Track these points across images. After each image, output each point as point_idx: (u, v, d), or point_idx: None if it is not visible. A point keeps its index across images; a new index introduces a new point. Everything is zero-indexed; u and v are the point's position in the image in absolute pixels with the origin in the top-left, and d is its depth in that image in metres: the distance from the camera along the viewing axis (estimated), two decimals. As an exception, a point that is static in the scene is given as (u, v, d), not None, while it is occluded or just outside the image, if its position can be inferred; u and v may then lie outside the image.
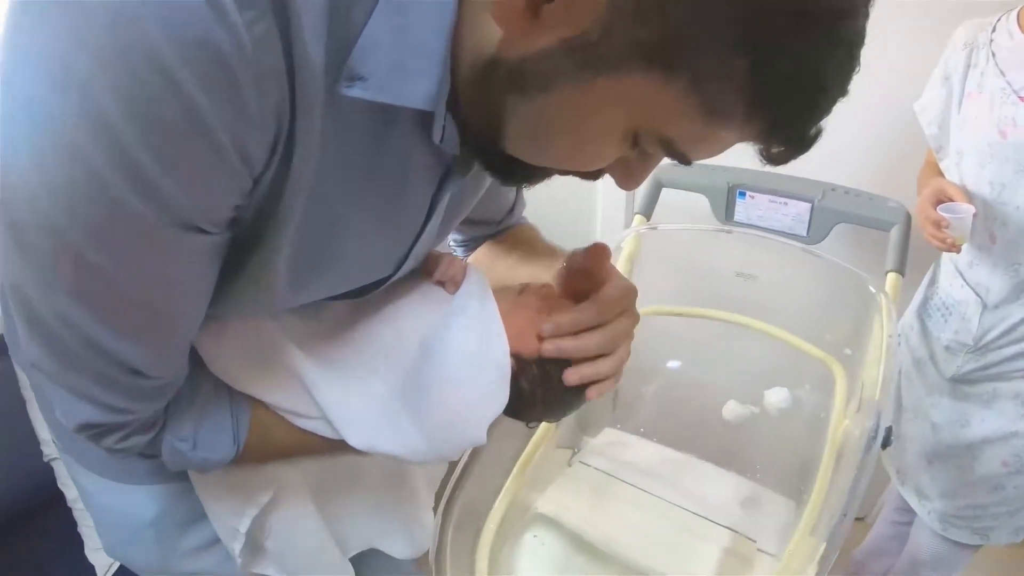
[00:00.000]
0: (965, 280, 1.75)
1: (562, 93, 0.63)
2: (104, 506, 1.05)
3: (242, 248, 0.71)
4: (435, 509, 1.30)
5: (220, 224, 0.65)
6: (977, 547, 1.95)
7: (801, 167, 0.80)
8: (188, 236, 0.63)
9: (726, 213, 2.05)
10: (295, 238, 0.70)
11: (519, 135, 0.69)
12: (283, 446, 0.92)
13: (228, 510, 0.98)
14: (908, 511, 2.06)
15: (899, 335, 1.98)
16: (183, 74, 0.52)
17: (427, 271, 1.00)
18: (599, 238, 2.54)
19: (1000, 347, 1.71)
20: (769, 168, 0.70)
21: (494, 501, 1.58)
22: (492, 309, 0.93)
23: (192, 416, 0.84)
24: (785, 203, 1.96)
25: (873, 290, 1.76)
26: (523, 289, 0.97)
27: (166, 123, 0.54)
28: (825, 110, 0.62)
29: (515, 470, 1.64)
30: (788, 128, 0.63)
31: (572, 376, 0.91)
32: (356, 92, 0.62)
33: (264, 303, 0.79)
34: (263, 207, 0.67)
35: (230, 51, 0.53)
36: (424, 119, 0.69)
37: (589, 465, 1.83)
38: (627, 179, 0.76)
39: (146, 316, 0.69)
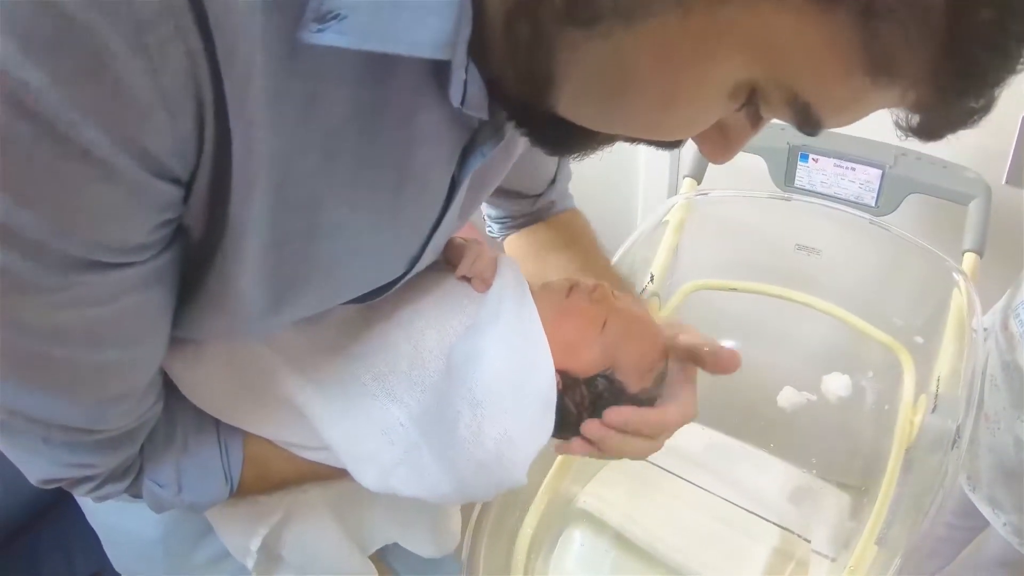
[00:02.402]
0: None
1: (654, 26, 0.43)
2: (110, 524, 0.97)
3: (198, 270, 0.53)
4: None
5: (138, 252, 0.47)
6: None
7: (870, 127, 0.67)
8: (88, 277, 0.45)
9: (786, 178, 1.88)
10: (261, 253, 0.52)
11: (580, 90, 0.50)
12: (287, 478, 0.79)
13: (237, 530, 0.88)
14: (968, 516, 1.90)
15: (987, 330, 1.81)
16: (6, 50, 0.34)
17: (450, 263, 0.83)
18: (641, 203, 2.46)
19: None
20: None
21: (534, 496, 1.48)
22: (532, 318, 0.76)
23: (173, 457, 0.71)
24: (853, 168, 1.78)
25: (954, 273, 1.61)
26: (571, 289, 0.81)
27: (3, 137, 0.37)
28: (1015, 70, 0.44)
29: (556, 464, 1.53)
30: (975, 91, 0.45)
31: (579, 448, 0.78)
32: (329, 38, 0.42)
33: (238, 328, 0.62)
34: (209, 219, 0.49)
35: None
36: (437, 71, 0.50)
37: (633, 454, 1.72)
38: (722, 150, 0.56)
39: (77, 375, 0.53)
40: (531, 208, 1.04)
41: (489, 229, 1.10)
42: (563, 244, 1.03)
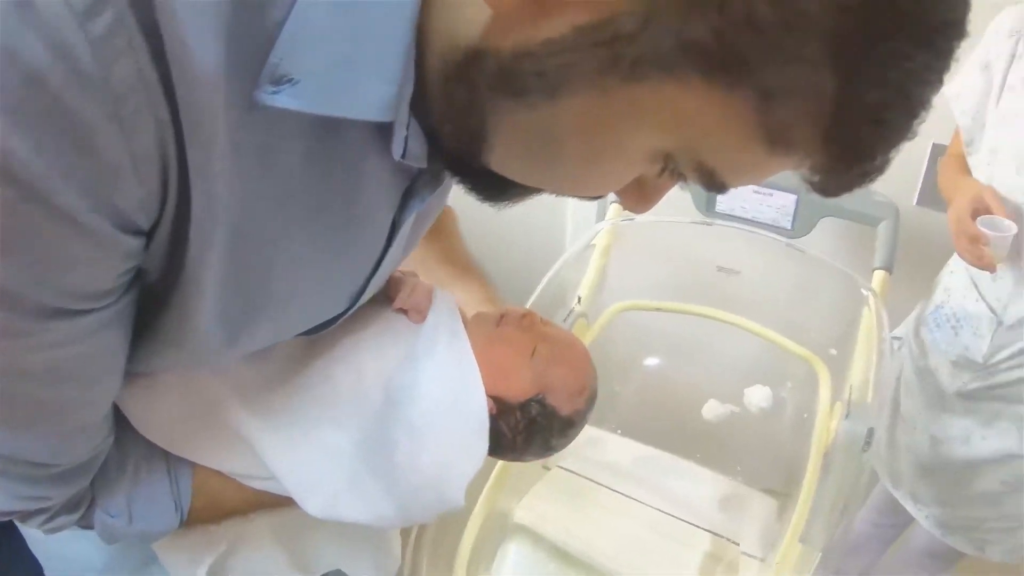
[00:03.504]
0: (981, 294, 1.61)
1: (575, 101, 0.47)
2: (52, 552, 0.93)
3: (155, 307, 0.55)
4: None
5: (104, 297, 0.49)
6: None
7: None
8: (57, 323, 0.47)
9: (708, 203, 1.94)
10: (219, 291, 0.54)
11: (509, 151, 0.53)
12: (235, 506, 0.79)
13: (183, 560, 0.85)
14: (891, 513, 1.98)
15: (900, 339, 1.89)
16: None
17: (388, 296, 0.84)
18: (570, 229, 2.48)
19: (1010, 368, 1.58)
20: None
21: (471, 512, 1.49)
22: (465, 348, 0.78)
23: (124, 488, 0.71)
24: (770, 194, 1.85)
25: (863, 290, 1.68)
26: (501, 318, 0.83)
27: None
28: (910, 138, 0.48)
29: (491, 479, 1.54)
30: (864, 161, 0.49)
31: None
32: (284, 101, 0.45)
33: (193, 361, 0.64)
34: (169, 263, 0.50)
35: (48, 67, 0.36)
36: (381, 125, 0.51)
37: (566, 469, 1.74)
38: (641, 202, 0.60)
39: (37, 410, 0.54)
40: None
41: None
42: (428, 238, 1.03)
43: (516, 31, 0.46)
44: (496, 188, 0.59)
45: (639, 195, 0.59)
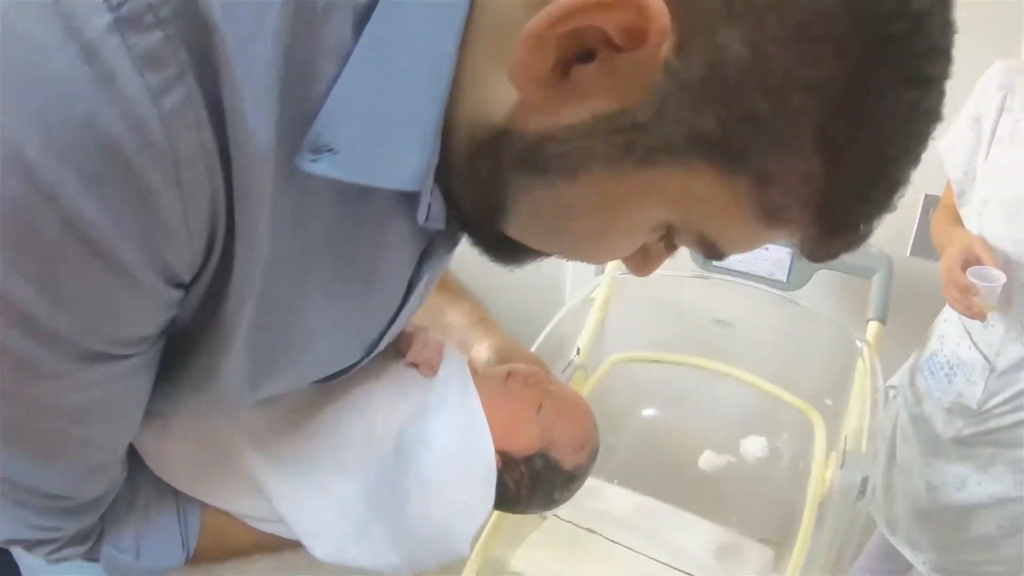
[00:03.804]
0: (973, 341, 1.63)
1: (591, 181, 0.50)
2: None
3: (182, 353, 0.57)
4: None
5: (141, 344, 0.51)
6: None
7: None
8: (97, 367, 0.49)
9: (704, 257, 1.94)
10: (247, 340, 0.56)
11: (527, 221, 0.56)
12: (241, 546, 0.79)
13: None
14: (890, 558, 1.96)
15: (895, 387, 1.90)
16: (58, 175, 0.39)
17: (399, 349, 0.85)
18: (570, 281, 2.50)
19: (1003, 413, 1.60)
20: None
21: (467, 560, 1.48)
22: (475, 404, 0.80)
23: (133, 523, 0.72)
24: (766, 248, 1.87)
25: (857, 342, 1.69)
26: (509, 375, 0.85)
27: (46, 245, 0.41)
28: (891, 210, 0.53)
29: (488, 527, 1.54)
30: (850, 233, 0.54)
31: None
32: (323, 169, 0.47)
33: (213, 406, 0.65)
34: (202, 312, 0.52)
35: (123, 137, 0.39)
36: (407, 193, 0.54)
37: (563, 518, 1.73)
38: (644, 267, 0.64)
39: (62, 445, 0.56)
40: None
41: None
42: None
43: (540, 115, 0.49)
44: (509, 252, 0.62)
45: (643, 261, 0.63)
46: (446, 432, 0.77)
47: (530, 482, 0.81)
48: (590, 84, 0.47)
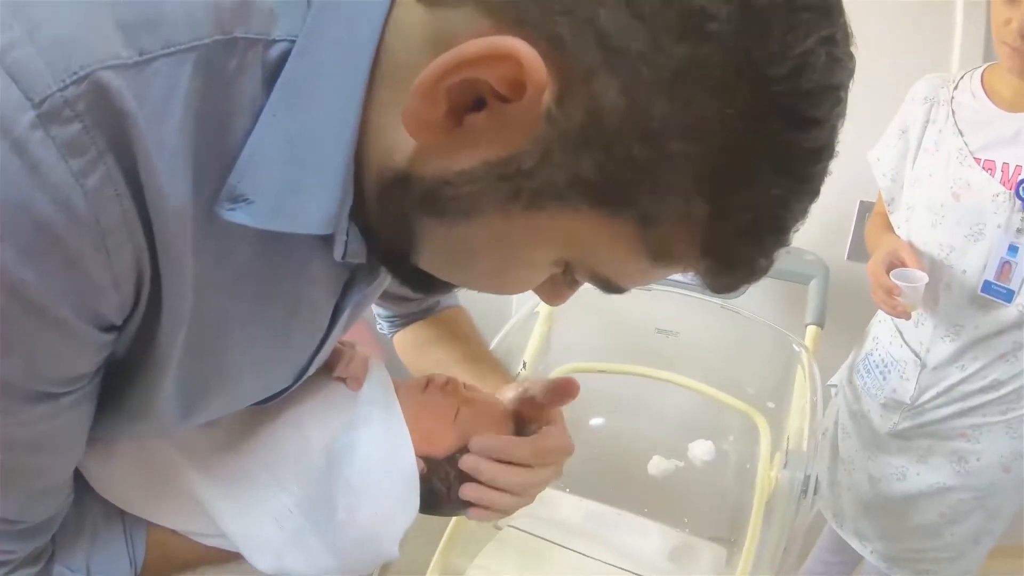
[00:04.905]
0: (905, 340, 1.69)
1: (484, 222, 0.52)
2: None
3: (120, 386, 0.60)
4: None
5: (80, 380, 0.55)
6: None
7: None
8: (41, 405, 0.53)
9: (602, 291, 1.97)
10: (178, 371, 0.59)
11: (434, 257, 0.58)
12: (187, 561, 0.81)
13: None
14: (840, 551, 2.01)
15: (836, 386, 1.95)
16: (1, 252, 0.43)
17: (328, 366, 0.88)
18: (515, 296, 2.50)
19: (936, 407, 1.66)
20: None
21: (425, 571, 1.49)
22: (397, 414, 0.83)
23: (82, 544, 0.73)
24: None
25: (795, 346, 1.72)
26: (427, 385, 0.88)
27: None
28: (785, 245, 0.54)
29: (444, 538, 1.54)
30: (743, 268, 0.55)
31: (469, 492, 0.81)
32: (240, 218, 0.50)
33: (151, 431, 0.69)
34: (136, 347, 0.56)
35: (54, 216, 0.43)
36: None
37: (518, 528, 1.74)
38: (554, 299, 0.66)
39: (14, 474, 0.59)
40: (417, 308, 1.09)
41: (380, 327, 1.14)
42: (444, 339, 1.08)
43: (436, 160, 0.51)
44: (425, 283, 0.64)
45: (552, 292, 0.65)
46: (371, 441, 0.80)
47: (456, 480, 0.82)
48: (480, 132, 0.48)
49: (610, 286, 0.58)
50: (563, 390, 0.86)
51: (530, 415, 0.88)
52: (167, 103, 0.46)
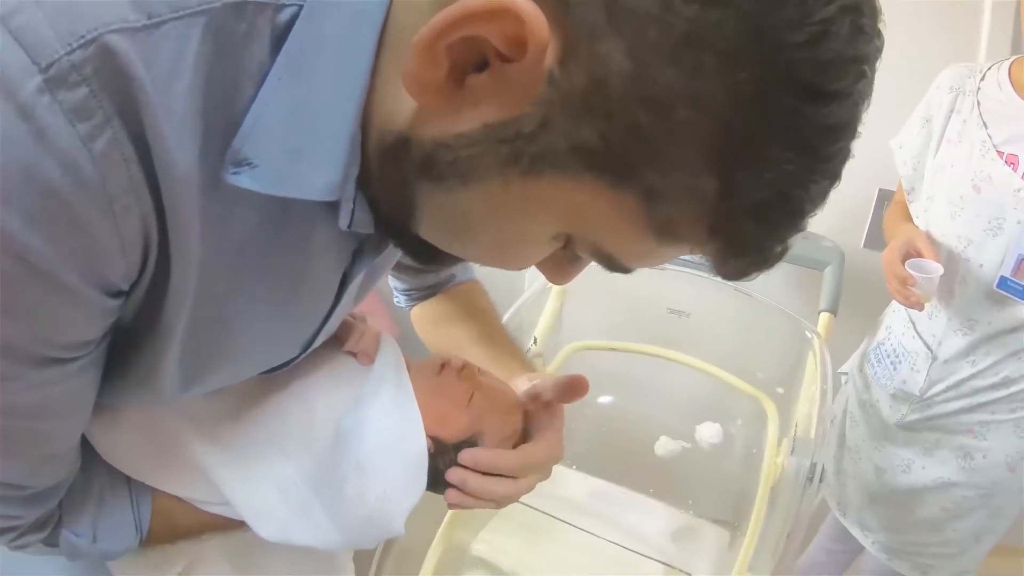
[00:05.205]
0: (917, 331, 1.68)
1: (483, 188, 0.50)
2: None
3: (127, 353, 0.60)
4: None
5: (87, 347, 0.55)
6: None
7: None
8: (48, 369, 0.53)
9: (607, 270, 1.96)
10: (182, 339, 0.59)
11: (433, 225, 0.57)
12: (191, 527, 0.82)
13: None
14: (843, 540, 2.00)
15: (846, 374, 1.94)
16: (6, 216, 0.43)
17: (338, 339, 0.88)
18: (528, 272, 2.49)
19: (945, 401, 1.65)
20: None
21: (429, 546, 1.50)
22: (408, 392, 0.82)
23: (89, 509, 0.74)
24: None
25: (808, 333, 1.71)
26: (442, 367, 0.87)
27: (5, 279, 0.45)
28: (799, 231, 0.51)
29: (449, 514, 1.55)
30: (753, 253, 0.52)
31: (452, 498, 0.81)
32: (244, 182, 0.50)
33: (155, 399, 0.68)
34: (143, 313, 0.56)
35: (60, 181, 0.43)
36: (330, 202, 0.55)
37: (523, 503, 1.73)
38: (558, 276, 0.63)
39: (20, 440, 0.59)
40: (433, 280, 1.08)
41: (397, 300, 1.13)
42: (461, 316, 1.08)
43: (436, 123, 0.49)
44: (427, 254, 0.62)
45: (556, 270, 0.62)
46: (381, 419, 0.80)
47: (456, 466, 0.83)
48: (482, 93, 0.47)
49: (614, 264, 0.55)
50: (572, 388, 0.86)
51: (535, 411, 0.88)
52: (176, 68, 0.46)
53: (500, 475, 0.82)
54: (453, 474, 0.80)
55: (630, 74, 0.43)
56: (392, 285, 1.11)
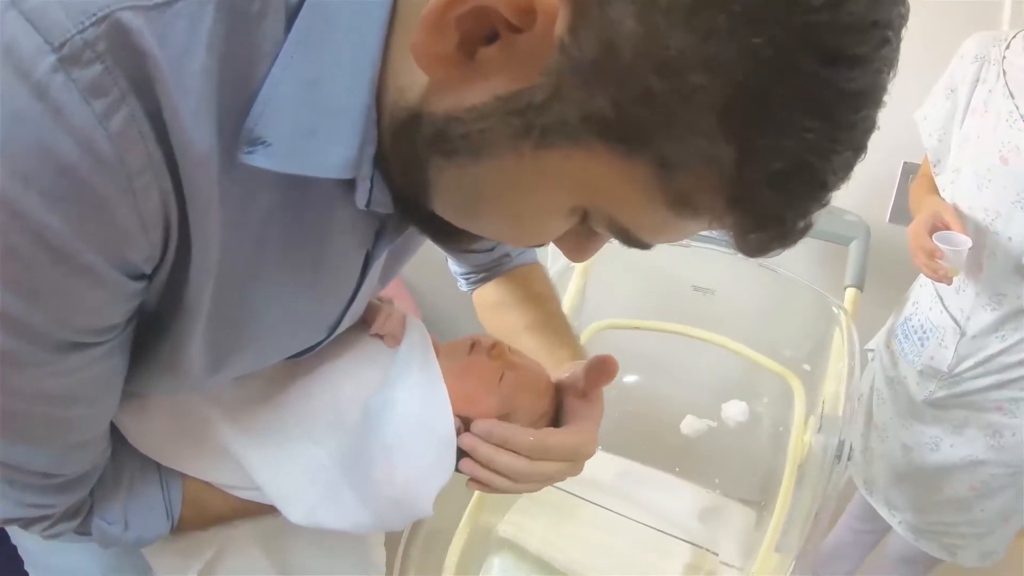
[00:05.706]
0: (945, 306, 1.64)
1: (495, 163, 0.49)
2: (48, 566, 0.96)
3: (152, 338, 0.59)
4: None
5: (111, 331, 0.54)
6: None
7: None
8: (73, 355, 0.53)
9: (624, 245, 1.95)
10: (207, 322, 0.58)
11: (446, 202, 0.55)
12: (222, 513, 0.82)
13: (173, 566, 0.88)
14: (869, 519, 1.98)
15: (873, 351, 1.91)
16: (24, 196, 0.43)
17: (365, 321, 0.87)
18: (551, 250, 2.48)
19: (974, 377, 1.61)
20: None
21: (456, 527, 1.50)
22: (436, 373, 0.81)
23: (120, 497, 0.74)
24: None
25: (834, 308, 1.69)
26: (473, 346, 0.86)
27: (19, 255, 0.45)
28: (822, 205, 0.49)
29: (475, 495, 1.55)
30: (775, 226, 0.50)
31: (465, 466, 0.79)
32: (258, 161, 0.49)
33: (182, 386, 0.68)
34: (166, 296, 0.55)
35: (77, 159, 0.43)
36: (348, 180, 0.55)
37: (548, 483, 1.74)
38: (577, 253, 0.61)
39: (48, 427, 0.59)
40: (488, 260, 1.06)
41: (459, 284, 1.12)
42: (517, 302, 1.05)
43: (447, 96, 0.49)
44: (443, 232, 0.61)
45: (574, 246, 0.61)
46: (408, 400, 0.79)
47: None
48: (492, 65, 0.46)
49: (630, 239, 0.54)
50: (601, 370, 0.83)
51: (573, 401, 0.86)
52: (189, 46, 0.45)
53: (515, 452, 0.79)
54: (465, 439, 0.78)
55: (641, 38, 0.42)
56: (451, 269, 1.10)
